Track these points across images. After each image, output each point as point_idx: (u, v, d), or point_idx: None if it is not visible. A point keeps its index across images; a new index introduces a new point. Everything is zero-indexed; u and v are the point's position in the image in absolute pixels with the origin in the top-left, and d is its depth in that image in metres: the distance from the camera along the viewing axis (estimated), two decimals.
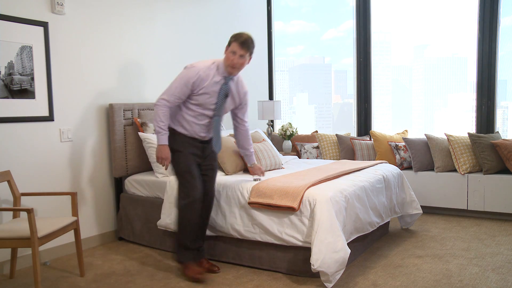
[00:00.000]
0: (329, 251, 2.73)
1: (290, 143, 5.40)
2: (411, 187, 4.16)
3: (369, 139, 5.21)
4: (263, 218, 3.05)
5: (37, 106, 3.46)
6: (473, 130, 4.85)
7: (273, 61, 6.20)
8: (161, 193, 3.69)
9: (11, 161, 3.29)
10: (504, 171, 4.40)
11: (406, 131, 5.23)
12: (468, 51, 5.00)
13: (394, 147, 4.86)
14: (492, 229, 4.05)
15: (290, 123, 5.46)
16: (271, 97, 6.20)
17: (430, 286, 2.84)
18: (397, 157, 4.83)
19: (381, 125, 5.54)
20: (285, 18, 6.23)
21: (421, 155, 4.70)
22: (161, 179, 3.76)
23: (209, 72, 2.94)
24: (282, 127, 5.47)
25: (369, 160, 4.91)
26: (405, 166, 4.83)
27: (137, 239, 3.87)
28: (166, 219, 3.48)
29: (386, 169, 3.81)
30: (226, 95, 3.03)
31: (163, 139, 2.95)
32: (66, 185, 3.67)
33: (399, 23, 5.60)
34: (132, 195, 3.93)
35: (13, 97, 3.31)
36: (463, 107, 5.16)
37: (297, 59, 6.51)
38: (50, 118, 3.54)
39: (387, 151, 4.89)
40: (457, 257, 3.34)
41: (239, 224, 3.17)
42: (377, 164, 3.96)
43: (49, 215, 3.50)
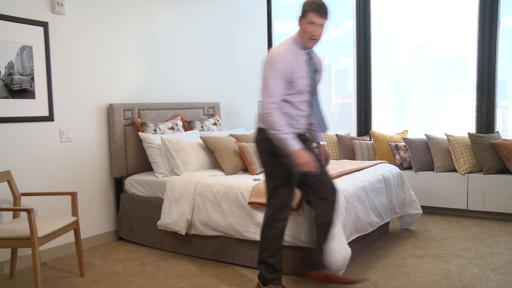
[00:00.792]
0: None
1: None
2: (411, 187, 4.16)
3: (369, 139, 5.21)
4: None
5: (37, 106, 3.46)
6: (473, 130, 4.85)
7: None
8: (161, 193, 3.69)
9: (11, 161, 3.29)
10: (504, 171, 4.40)
11: (406, 131, 5.23)
12: (468, 51, 5.00)
13: (394, 147, 4.86)
14: (492, 229, 4.05)
15: None
16: None
17: (430, 286, 2.84)
18: (397, 157, 4.83)
19: (381, 125, 5.54)
20: (285, 18, 6.22)
21: (421, 155, 4.69)
22: (161, 179, 3.75)
23: (294, 53, 2.60)
24: None
25: (369, 160, 4.91)
26: (405, 166, 4.83)
27: (137, 239, 3.87)
28: (166, 219, 3.48)
29: (386, 169, 3.80)
30: (315, 70, 2.71)
31: (294, 144, 2.50)
32: (66, 185, 3.67)
33: (399, 23, 5.60)
34: (132, 195, 3.93)
35: (13, 97, 3.31)
36: (463, 107, 5.15)
37: None
38: (50, 118, 3.54)
39: (387, 151, 4.88)
40: (457, 257, 3.34)
41: (239, 224, 3.17)
42: (377, 164, 3.95)
43: (49, 215, 3.50)
